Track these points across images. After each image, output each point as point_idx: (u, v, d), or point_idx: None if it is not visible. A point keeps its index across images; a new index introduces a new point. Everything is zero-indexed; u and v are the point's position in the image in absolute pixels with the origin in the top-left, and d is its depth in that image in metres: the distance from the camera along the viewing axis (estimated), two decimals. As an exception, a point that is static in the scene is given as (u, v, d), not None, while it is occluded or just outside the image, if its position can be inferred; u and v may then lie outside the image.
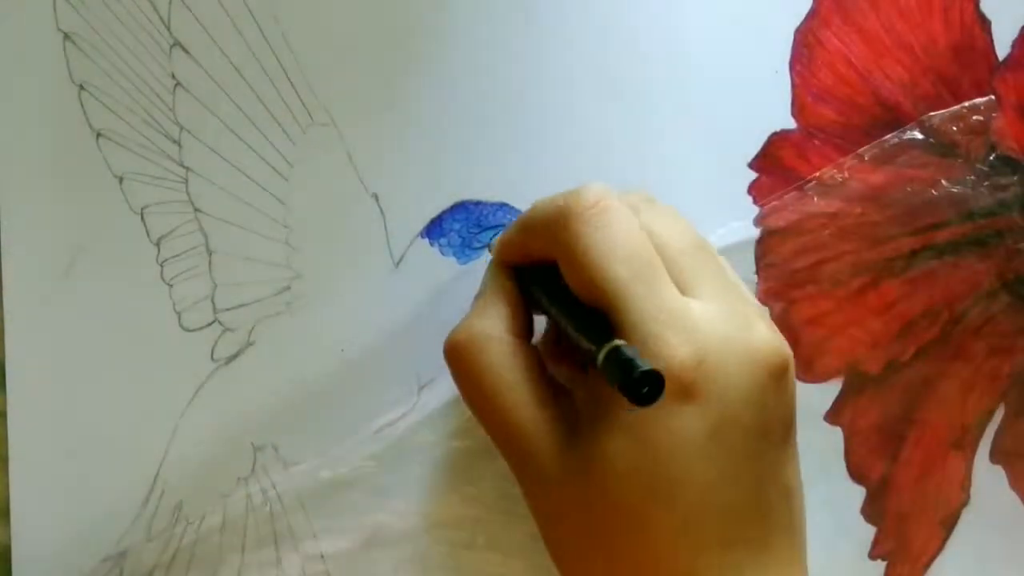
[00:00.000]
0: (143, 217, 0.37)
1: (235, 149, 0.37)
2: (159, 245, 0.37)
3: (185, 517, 0.38)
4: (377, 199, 0.38)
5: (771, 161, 0.40)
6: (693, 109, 0.39)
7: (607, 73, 0.39)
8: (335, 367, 0.38)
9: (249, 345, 0.38)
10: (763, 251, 0.40)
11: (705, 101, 0.40)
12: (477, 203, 0.38)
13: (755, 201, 0.40)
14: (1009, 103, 0.41)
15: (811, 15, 0.40)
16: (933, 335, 0.41)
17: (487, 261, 0.38)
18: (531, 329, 0.35)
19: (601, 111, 0.39)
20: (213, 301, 0.38)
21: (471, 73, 0.38)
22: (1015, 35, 0.41)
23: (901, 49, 0.40)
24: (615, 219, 0.32)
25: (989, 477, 0.43)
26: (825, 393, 0.41)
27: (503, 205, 0.39)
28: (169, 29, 0.37)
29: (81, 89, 0.37)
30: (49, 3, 0.36)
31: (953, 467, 0.42)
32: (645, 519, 0.31)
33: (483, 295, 0.36)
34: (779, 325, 0.34)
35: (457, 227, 0.38)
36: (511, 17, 0.38)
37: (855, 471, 0.42)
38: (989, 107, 0.41)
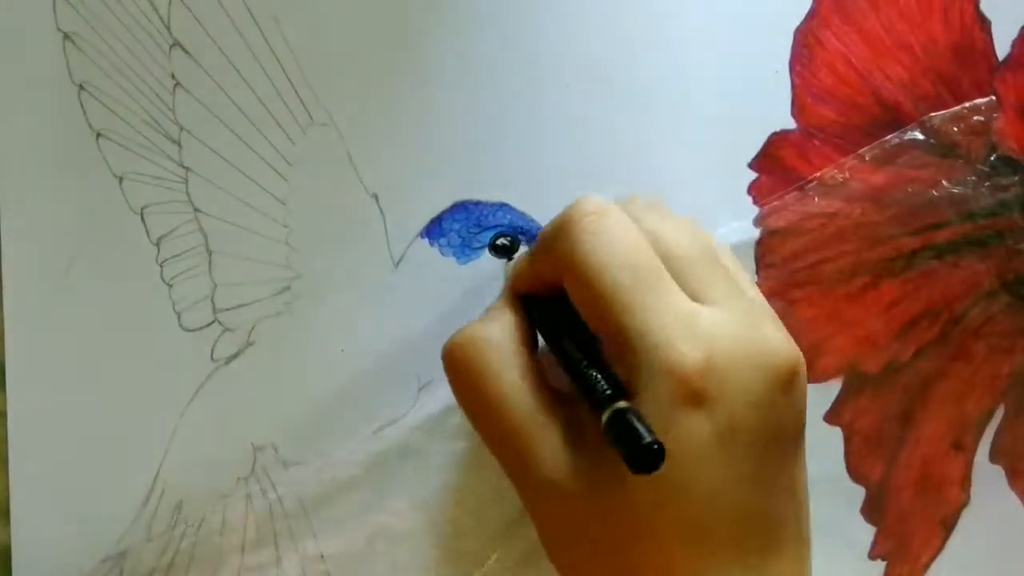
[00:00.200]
0: (143, 217, 0.37)
1: (235, 149, 0.37)
2: (159, 245, 0.37)
3: (185, 517, 0.38)
4: (377, 199, 0.38)
5: (771, 161, 0.40)
6: (693, 109, 0.39)
7: (607, 73, 0.39)
8: (335, 367, 0.38)
9: (249, 345, 0.38)
10: (763, 251, 0.40)
11: (705, 101, 0.40)
12: (477, 203, 0.38)
13: (755, 201, 0.40)
14: (1009, 103, 0.41)
15: (811, 15, 0.40)
16: (933, 335, 0.41)
17: (487, 261, 0.38)
18: (535, 342, 0.35)
19: (601, 111, 0.39)
20: (213, 301, 0.38)
21: (471, 73, 0.38)
22: (1015, 35, 0.41)
23: (901, 49, 0.40)
24: (613, 226, 0.32)
25: (989, 477, 0.43)
26: (825, 393, 0.41)
27: (503, 205, 0.39)
28: (169, 29, 0.37)
29: (81, 89, 0.37)
30: (49, 3, 0.36)
31: (953, 467, 0.42)
32: (654, 525, 0.30)
33: (488, 310, 0.35)
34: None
35: (457, 227, 0.38)
36: (510, 17, 0.38)
37: (855, 471, 0.42)
38: (989, 107, 0.41)
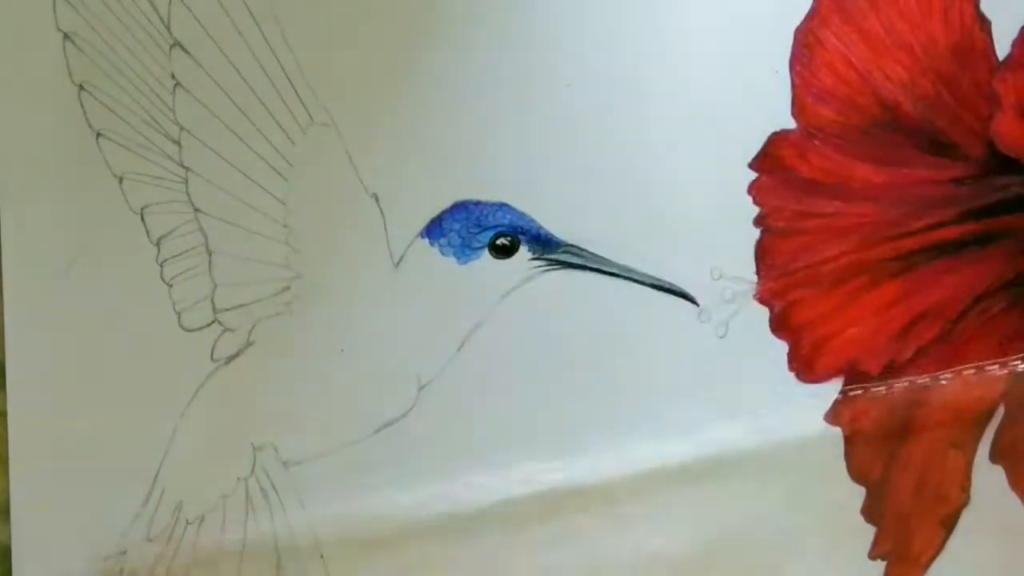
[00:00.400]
0: (143, 217, 0.37)
1: (235, 149, 0.37)
2: (159, 245, 0.37)
3: (185, 517, 0.38)
4: (377, 199, 0.38)
5: (771, 161, 0.40)
6: (693, 109, 0.39)
7: (607, 73, 0.39)
8: (335, 367, 0.38)
9: (249, 345, 0.38)
10: (763, 251, 0.40)
11: (705, 101, 0.40)
12: (477, 203, 0.38)
13: (755, 201, 0.40)
14: (1009, 103, 0.41)
15: (811, 15, 0.40)
16: (933, 335, 0.41)
17: (487, 261, 0.38)
18: None
19: (601, 111, 0.39)
20: (213, 301, 0.38)
21: (471, 74, 0.38)
22: (1015, 35, 0.41)
23: (901, 49, 0.40)
24: None
25: (989, 477, 0.43)
26: (825, 393, 0.41)
27: (503, 205, 0.39)
28: (169, 29, 0.37)
29: (81, 89, 0.37)
30: (49, 3, 0.36)
31: (953, 467, 0.42)
32: None
33: None
34: (779, 325, 0.34)
35: (457, 227, 0.38)
36: (511, 18, 0.38)
37: (855, 471, 0.41)
38: (989, 107, 0.41)
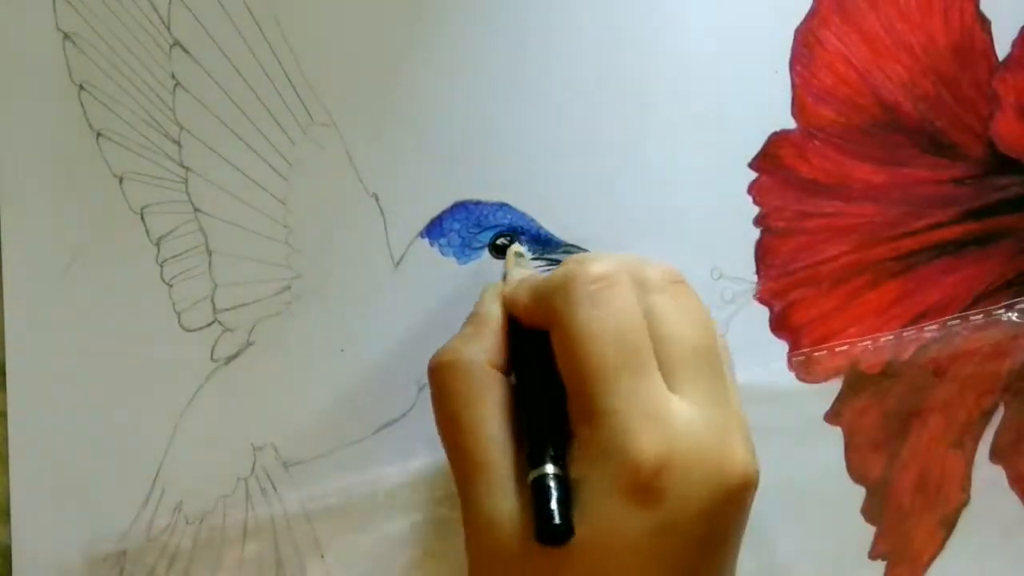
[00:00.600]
0: (143, 217, 0.37)
1: (235, 149, 0.37)
2: (159, 245, 0.37)
3: (185, 517, 0.38)
4: (377, 199, 0.38)
5: (771, 161, 0.40)
6: (693, 109, 0.39)
7: (607, 73, 0.39)
8: (335, 367, 0.38)
9: (249, 345, 0.38)
10: (763, 251, 0.40)
11: (705, 101, 0.40)
12: (477, 203, 0.38)
13: (755, 201, 0.40)
14: (1009, 103, 0.41)
15: (811, 15, 0.40)
16: (933, 335, 0.41)
17: (487, 261, 0.38)
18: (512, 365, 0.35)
19: (601, 111, 0.39)
20: (213, 301, 0.38)
21: (471, 73, 0.38)
22: (1015, 35, 0.41)
23: (901, 49, 0.40)
24: (616, 299, 0.31)
25: (989, 477, 0.43)
26: (825, 393, 0.41)
27: (503, 205, 0.39)
28: (169, 29, 0.37)
29: (81, 89, 0.37)
30: (49, 3, 0.36)
31: (953, 467, 0.42)
32: None
33: (475, 318, 0.35)
34: (779, 325, 0.34)
35: (457, 227, 0.38)
36: (510, 17, 0.38)
37: (855, 471, 0.42)
38: (989, 107, 0.41)
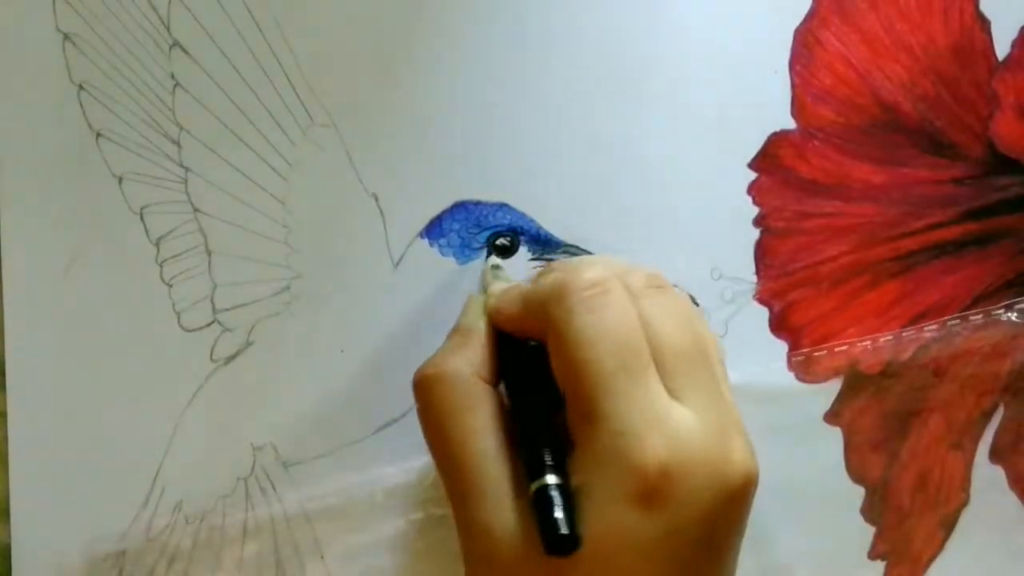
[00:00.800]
0: (143, 217, 0.37)
1: (235, 149, 0.37)
2: (159, 245, 0.37)
3: (185, 517, 0.38)
4: (377, 199, 0.38)
5: (771, 161, 0.40)
6: (693, 109, 0.39)
7: (607, 73, 0.39)
8: (335, 367, 0.38)
9: (249, 345, 0.38)
10: (763, 251, 0.40)
11: (705, 101, 0.40)
12: (477, 203, 0.38)
13: (755, 201, 0.40)
14: (1008, 103, 0.41)
15: (811, 15, 0.40)
16: (933, 335, 0.41)
17: (486, 262, 0.38)
18: (500, 377, 0.35)
19: (601, 111, 0.39)
20: (213, 301, 0.38)
21: (471, 73, 0.38)
22: (1015, 35, 0.41)
23: (901, 49, 0.40)
24: (611, 304, 0.31)
25: (989, 477, 0.43)
26: (825, 393, 0.41)
27: (503, 205, 0.39)
28: (169, 29, 0.37)
29: (81, 89, 0.37)
30: (49, 3, 0.36)
31: (953, 467, 0.42)
32: None
33: (460, 331, 0.35)
34: (779, 325, 0.34)
35: (457, 227, 0.38)
36: (510, 18, 0.38)
37: (855, 471, 0.42)
38: (988, 107, 0.41)
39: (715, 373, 0.33)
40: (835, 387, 0.41)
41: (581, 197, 0.39)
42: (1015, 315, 0.41)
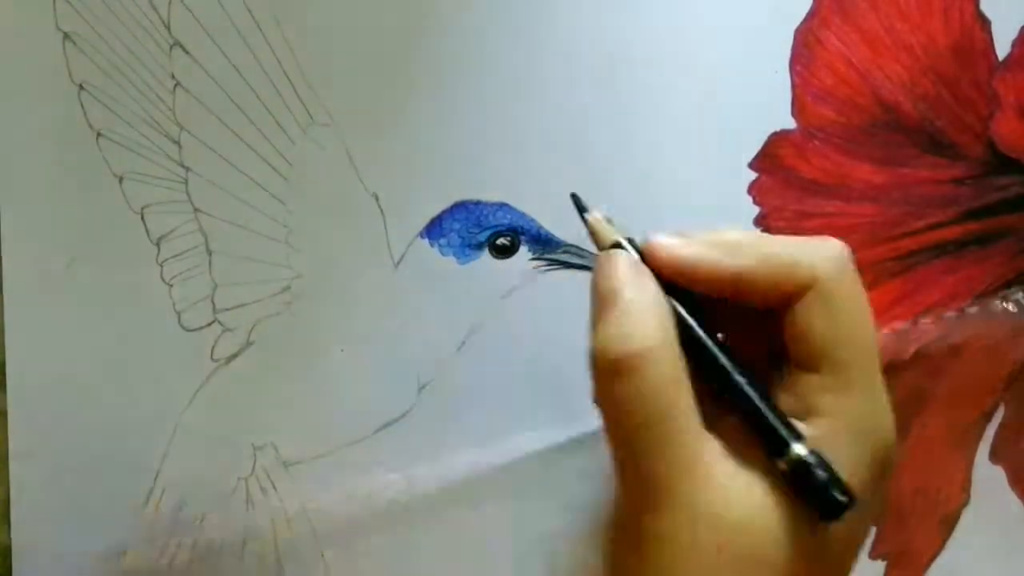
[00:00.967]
0: (143, 217, 0.37)
1: (235, 149, 0.37)
2: (159, 245, 0.37)
3: (185, 517, 0.38)
4: (377, 199, 0.38)
5: (771, 161, 0.40)
6: (693, 109, 0.39)
7: (607, 73, 0.39)
8: (335, 367, 0.38)
9: (249, 345, 0.38)
10: (763, 251, 0.40)
11: (705, 101, 0.40)
12: (477, 203, 0.38)
13: (755, 201, 0.40)
14: (1009, 103, 0.41)
15: (811, 15, 0.40)
16: (933, 335, 0.41)
17: (487, 261, 0.38)
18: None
19: (601, 111, 0.39)
20: (213, 301, 0.38)
21: (471, 73, 0.38)
22: (1015, 35, 0.41)
23: (901, 49, 0.40)
24: (858, 285, 0.31)
25: (989, 477, 0.43)
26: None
27: (503, 205, 0.39)
28: (169, 29, 0.37)
29: (81, 89, 0.37)
30: (49, 3, 0.36)
31: (953, 467, 0.42)
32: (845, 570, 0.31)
33: (621, 297, 0.30)
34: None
35: (457, 227, 0.38)
36: (511, 17, 0.38)
37: (855, 471, 0.41)
38: (989, 107, 0.41)
39: None
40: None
41: (581, 197, 0.39)
42: (1011, 305, 0.41)
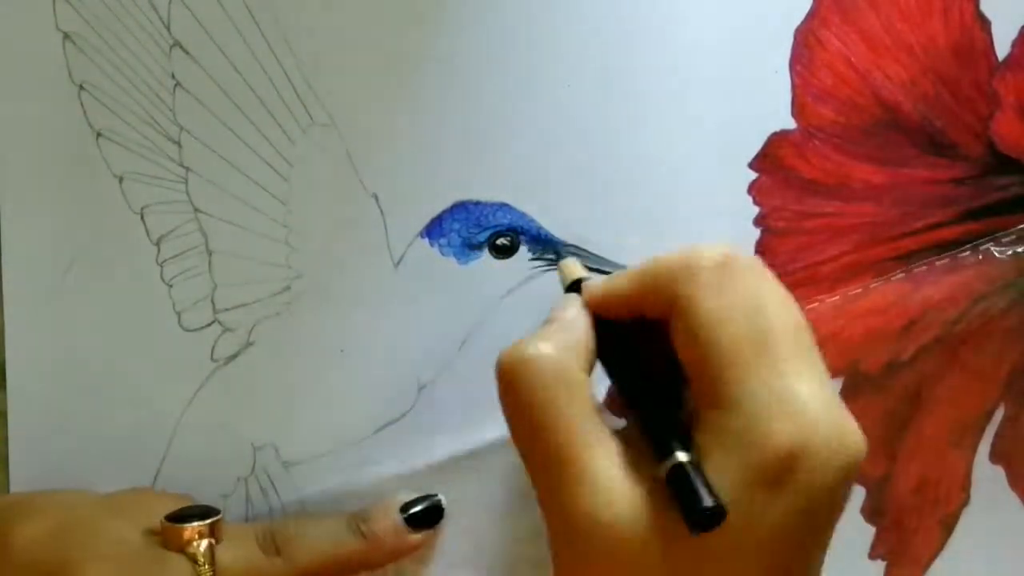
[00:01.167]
0: (143, 217, 0.37)
1: (235, 149, 0.37)
2: (159, 245, 0.37)
3: (185, 517, 0.38)
4: (377, 199, 0.38)
5: (771, 161, 0.40)
6: (693, 109, 0.39)
7: (607, 73, 0.39)
8: (335, 367, 0.38)
9: (249, 345, 0.38)
10: (763, 251, 0.40)
11: (705, 101, 0.40)
12: (477, 203, 0.38)
13: (755, 201, 0.40)
14: (1009, 103, 0.41)
15: (811, 15, 0.40)
16: (933, 335, 0.41)
17: (487, 261, 0.38)
18: (593, 365, 0.34)
19: (601, 111, 0.39)
20: (213, 301, 0.38)
21: (471, 73, 0.38)
22: (1015, 35, 0.41)
23: (901, 49, 0.40)
24: (741, 283, 0.31)
25: (989, 477, 0.43)
26: (825, 393, 0.41)
27: (503, 205, 0.39)
28: (169, 29, 0.37)
29: (81, 89, 0.37)
30: (49, 3, 0.36)
31: (953, 467, 0.42)
32: None
33: (555, 320, 0.34)
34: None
35: (457, 227, 0.38)
36: (511, 17, 0.38)
37: (855, 471, 0.42)
38: (989, 107, 0.41)
39: (816, 348, 0.33)
40: (836, 387, 0.41)
41: (581, 197, 0.39)
42: (998, 250, 0.40)
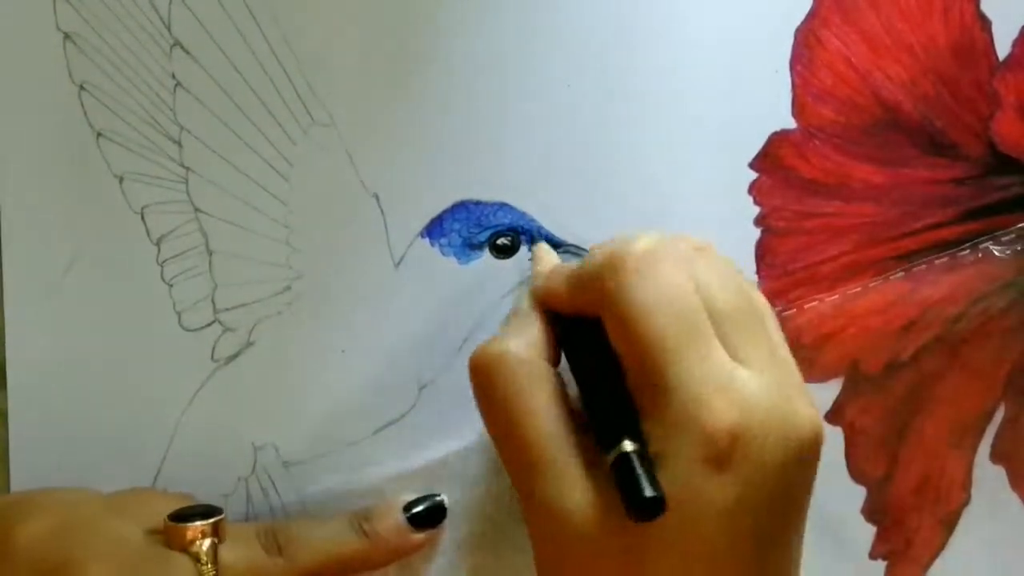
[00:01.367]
0: (143, 217, 0.37)
1: (235, 149, 0.37)
2: (159, 245, 0.37)
3: (185, 517, 0.38)
4: (377, 199, 0.38)
5: (771, 161, 0.40)
6: (693, 109, 0.39)
7: (607, 73, 0.39)
8: (335, 367, 0.38)
9: (249, 345, 0.38)
10: (763, 251, 0.40)
11: (705, 101, 0.40)
12: (477, 203, 0.38)
13: (755, 201, 0.40)
14: (1009, 103, 0.41)
15: (811, 15, 0.40)
16: (933, 335, 0.41)
17: (487, 261, 0.38)
18: (559, 358, 0.35)
19: (601, 111, 0.39)
20: (213, 301, 0.38)
21: (471, 73, 0.38)
22: (1015, 35, 0.41)
23: (901, 49, 0.40)
24: (665, 271, 0.31)
25: (989, 477, 0.43)
26: (825, 393, 0.41)
27: (503, 205, 0.39)
28: (169, 29, 0.37)
29: (81, 89, 0.37)
30: (49, 3, 0.36)
31: (953, 467, 0.42)
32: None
33: (515, 315, 0.35)
34: (780, 324, 0.34)
35: (457, 227, 0.38)
36: (512, 17, 0.38)
37: (855, 471, 0.42)
38: (989, 107, 0.41)
39: (770, 333, 0.33)
40: (835, 386, 0.41)
41: (581, 197, 0.39)
42: (997, 248, 0.40)
